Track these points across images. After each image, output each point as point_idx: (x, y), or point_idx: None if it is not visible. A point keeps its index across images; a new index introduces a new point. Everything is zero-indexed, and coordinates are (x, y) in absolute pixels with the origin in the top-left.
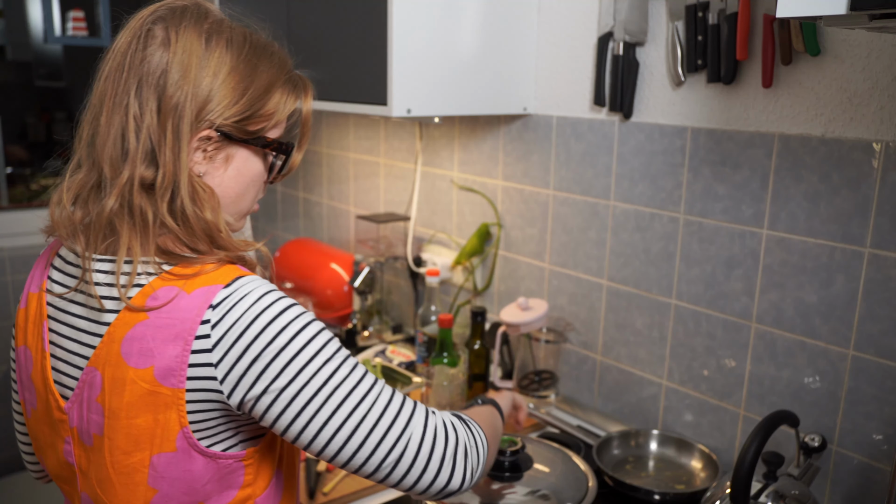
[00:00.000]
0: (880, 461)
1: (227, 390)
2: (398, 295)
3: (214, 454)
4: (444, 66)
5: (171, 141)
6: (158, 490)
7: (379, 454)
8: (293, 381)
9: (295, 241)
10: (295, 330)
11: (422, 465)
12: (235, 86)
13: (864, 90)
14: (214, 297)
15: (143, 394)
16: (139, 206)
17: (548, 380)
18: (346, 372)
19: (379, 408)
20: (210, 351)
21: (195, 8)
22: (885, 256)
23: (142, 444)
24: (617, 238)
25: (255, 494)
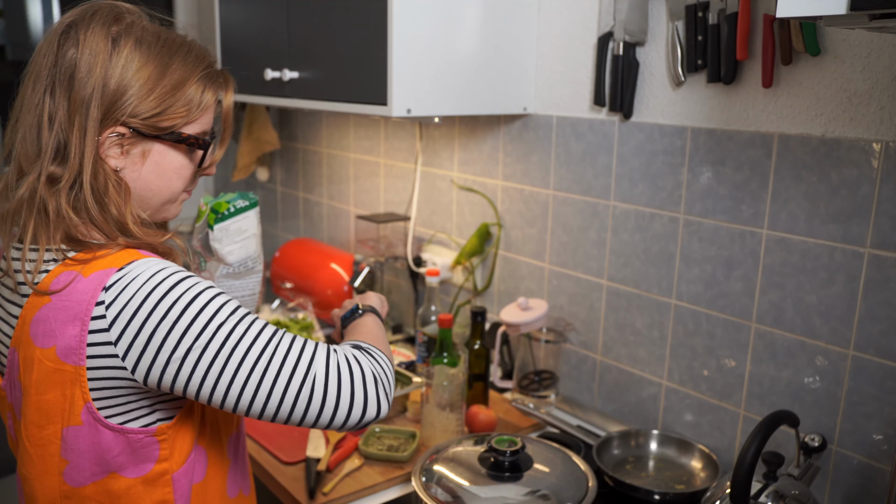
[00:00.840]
0: (880, 461)
1: (129, 366)
2: (398, 295)
3: (122, 429)
4: (444, 66)
5: (77, 137)
6: (70, 461)
7: (288, 399)
8: (192, 346)
9: (295, 241)
10: (187, 300)
11: (332, 401)
12: (144, 83)
13: (864, 90)
14: (108, 279)
15: (49, 371)
16: (42, 198)
17: (548, 380)
18: (244, 329)
19: (280, 355)
20: (107, 330)
21: (107, 10)
22: (885, 256)
23: (52, 417)
24: (617, 238)
25: (172, 469)
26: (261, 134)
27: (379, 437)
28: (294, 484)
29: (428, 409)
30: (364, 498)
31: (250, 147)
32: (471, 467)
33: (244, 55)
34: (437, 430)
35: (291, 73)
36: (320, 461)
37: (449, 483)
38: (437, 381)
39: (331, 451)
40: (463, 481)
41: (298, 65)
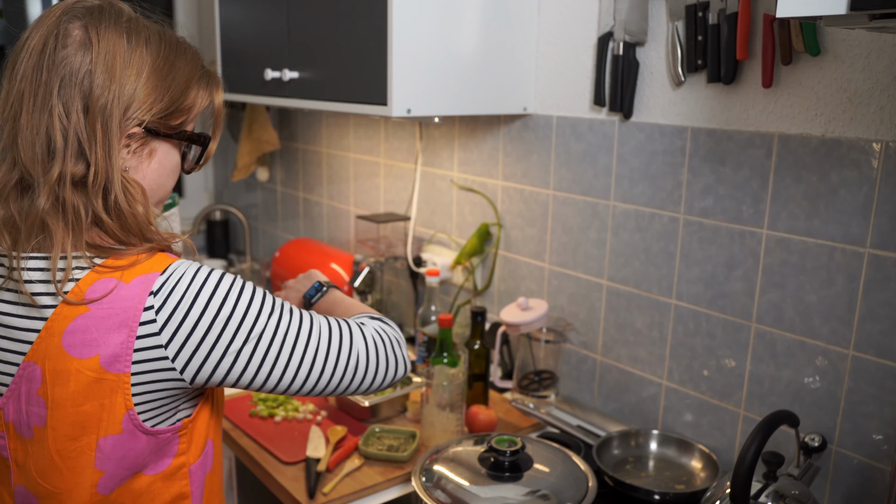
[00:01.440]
0: (880, 461)
1: (179, 366)
2: (398, 295)
3: (155, 430)
4: (444, 66)
5: (101, 139)
6: (105, 471)
7: (337, 375)
8: (247, 340)
9: (295, 241)
10: (235, 295)
11: (373, 369)
12: (157, 84)
13: (864, 90)
14: (153, 284)
15: (89, 382)
16: (72, 202)
17: (548, 380)
18: (288, 318)
19: (325, 339)
20: (158, 334)
21: (109, 7)
22: (885, 256)
23: (88, 429)
24: (617, 238)
25: (189, 462)
26: (261, 134)
27: (379, 437)
28: (294, 484)
29: (428, 409)
30: (364, 498)
31: (250, 147)
32: (471, 467)
33: (244, 55)
34: (437, 430)
35: (291, 73)
36: (320, 461)
37: (449, 483)
38: (437, 381)
39: (331, 451)
40: (463, 481)
41: (298, 65)
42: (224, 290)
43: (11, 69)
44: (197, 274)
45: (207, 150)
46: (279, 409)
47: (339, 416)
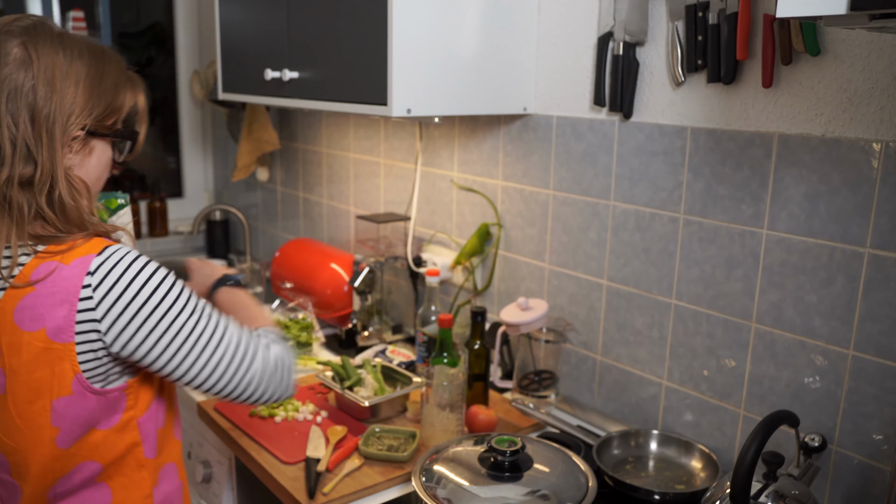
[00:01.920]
0: (880, 461)
1: (109, 340)
2: (398, 295)
3: (103, 391)
4: (444, 66)
5: (46, 144)
6: (61, 428)
7: (233, 383)
8: (166, 331)
9: (295, 241)
10: (164, 290)
11: (263, 388)
12: (92, 91)
13: (864, 90)
14: (90, 265)
15: (39, 351)
16: (17, 200)
17: (548, 380)
18: (206, 320)
19: (231, 349)
20: (94, 309)
21: (42, 24)
22: (885, 256)
23: (42, 392)
24: (617, 238)
25: (137, 415)
26: (261, 134)
27: (379, 437)
28: (294, 484)
29: (428, 409)
30: (364, 498)
31: (250, 147)
32: (471, 467)
33: (244, 55)
34: (437, 430)
35: (291, 73)
36: (320, 461)
37: (449, 483)
38: (437, 381)
39: (331, 451)
40: (463, 481)
41: (298, 65)
42: (156, 281)
43: None
44: (134, 261)
45: (137, 143)
46: (279, 410)
47: (339, 416)
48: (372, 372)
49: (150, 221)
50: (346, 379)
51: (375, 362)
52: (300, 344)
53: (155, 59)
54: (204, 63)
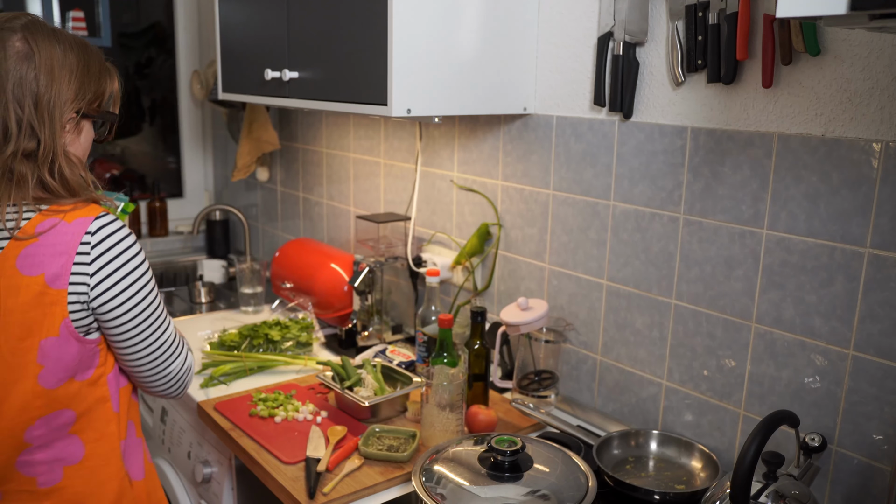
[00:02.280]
0: (880, 461)
1: (93, 294)
2: (398, 295)
3: (84, 339)
4: (444, 66)
5: (48, 125)
6: (45, 366)
7: (164, 366)
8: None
9: (295, 241)
10: (140, 261)
11: (171, 381)
12: (83, 79)
13: (864, 90)
14: (90, 226)
15: (35, 294)
16: (20, 170)
17: (548, 380)
18: (161, 304)
19: (172, 334)
20: (88, 264)
21: (37, 21)
22: (885, 256)
23: (33, 331)
24: (617, 238)
25: (106, 372)
26: (261, 134)
27: (379, 437)
28: (294, 484)
29: (428, 409)
30: (364, 498)
31: (250, 147)
32: (471, 467)
33: (244, 55)
34: (437, 430)
35: (291, 73)
36: (320, 461)
37: (449, 483)
38: (437, 381)
39: (331, 451)
40: (463, 481)
41: (298, 65)
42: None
43: None
44: (121, 229)
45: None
46: (279, 410)
47: (339, 416)
48: (372, 372)
49: (150, 221)
50: (346, 379)
51: (375, 362)
52: (300, 344)
53: (155, 59)
54: (204, 63)
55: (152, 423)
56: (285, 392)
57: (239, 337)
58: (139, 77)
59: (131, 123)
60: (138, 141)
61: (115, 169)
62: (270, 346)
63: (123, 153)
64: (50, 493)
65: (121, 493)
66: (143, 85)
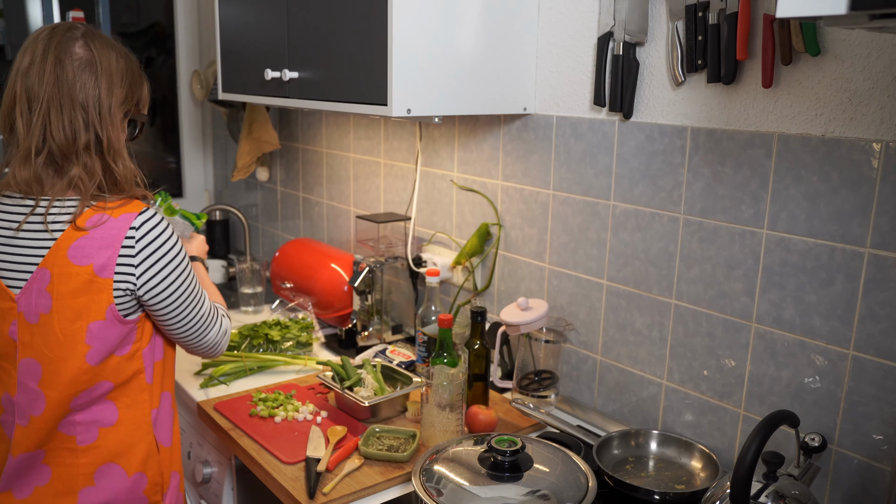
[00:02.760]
0: (880, 461)
1: (138, 283)
2: (398, 295)
3: (126, 321)
4: (444, 66)
5: (108, 126)
6: (92, 346)
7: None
8: (174, 282)
9: (295, 241)
10: (178, 251)
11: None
12: (131, 85)
13: (864, 90)
14: (134, 220)
15: (84, 282)
16: (91, 167)
17: (548, 380)
18: (196, 285)
19: (206, 306)
20: (133, 256)
21: (91, 29)
22: (885, 256)
23: (82, 315)
24: (617, 238)
25: (142, 347)
26: (261, 134)
27: (379, 437)
28: (294, 484)
29: (428, 409)
30: (364, 498)
31: (250, 147)
32: (471, 467)
33: (244, 55)
34: (437, 430)
35: (291, 73)
36: (320, 461)
37: (449, 483)
38: (437, 381)
39: (331, 451)
40: (463, 481)
41: (298, 65)
42: (176, 244)
43: (27, 74)
44: (161, 222)
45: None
46: (279, 410)
47: (339, 416)
48: (372, 372)
49: None
50: (346, 379)
51: (375, 362)
52: (300, 344)
53: (155, 59)
54: (204, 63)
55: None
56: (285, 392)
57: (239, 337)
58: None
59: None
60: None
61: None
62: (270, 346)
63: None
64: (87, 451)
65: (148, 456)
66: None
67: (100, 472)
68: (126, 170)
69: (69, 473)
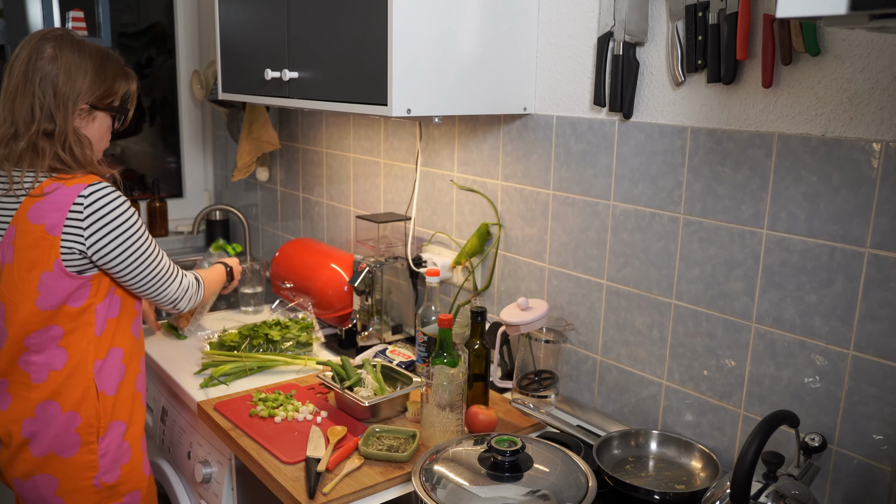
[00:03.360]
0: (880, 461)
1: (87, 244)
2: (398, 295)
3: (76, 277)
4: (444, 66)
5: (62, 113)
6: (41, 293)
7: (160, 290)
8: (122, 243)
9: (295, 241)
10: (127, 216)
11: (177, 299)
12: (95, 80)
13: (864, 90)
14: (83, 190)
15: (37, 238)
16: (41, 146)
17: (548, 380)
18: (150, 247)
19: (165, 265)
20: (81, 220)
21: (68, 34)
22: (885, 256)
23: (35, 266)
24: (617, 238)
25: (95, 302)
26: (261, 134)
27: (379, 437)
28: (294, 484)
29: (428, 409)
30: (364, 498)
31: (250, 147)
32: (471, 467)
33: (244, 55)
34: (437, 430)
35: (291, 73)
36: (320, 461)
37: (449, 483)
38: (437, 381)
39: (331, 451)
40: (463, 481)
41: (298, 65)
42: (124, 210)
43: (10, 70)
44: (111, 192)
45: (127, 116)
46: (279, 410)
47: (339, 416)
48: (372, 372)
49: (149, 221)
50: (346, 379)
51: (375, 362)
52: (300, 344)
53: (155, 59)
54: (204, 63)
55: (152, 422)
56: (285, 392)
57: (239, 337)
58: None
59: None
60: (138, 141)
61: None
62: (270, 346)
63: (123, 153)
64: (37, 388)
65: (83, 398)
66: (143, 85)
67: (41, 406)
68: (83, 155)
69: (21, 406)
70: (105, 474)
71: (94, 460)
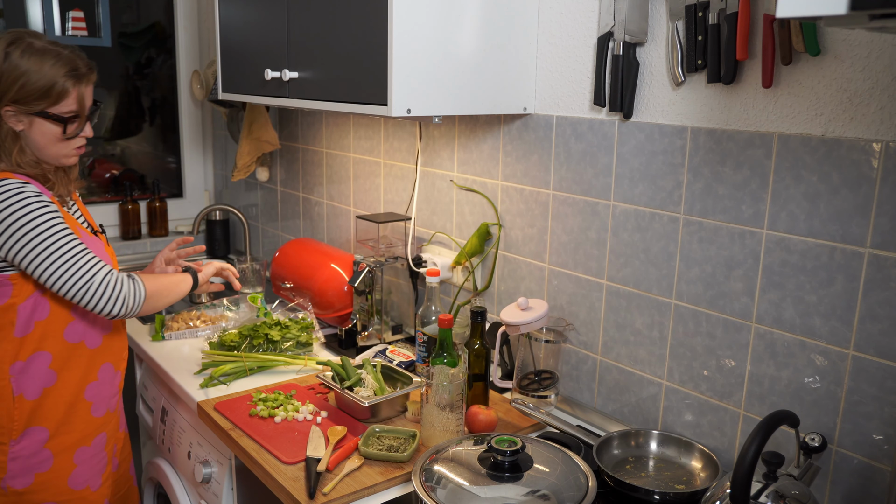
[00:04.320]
0: (880, 461)
1: None
2: (398, 295)
3: None
4: (444, 66)
5: None
6: None
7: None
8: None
9: (295, 241)
10: (28, 209)
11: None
12: (23, 84)
13: (864, 90)
14: None
15: None
16: None
17: (548, 380)
18: (59, 238)
19: (84, 258)
20: None
21: (19, 39)
22: (885, 256)
23: None
24: (617, 238)
25: (17, 302)
26: (261, 134)
27: (379, 437)
28: (294, 484)
29: (428, 409)
30: (364, 498)
31: (250, 147)
32: (471, 467)
33: (244, 55)
34: (437, 430)
35: (291, 73)
36: (320, 461)
37: (449, 483)
38: (437, 381)
39: (331, 451)
40: (463, 481)
41: (298, 65)
42: (29, 204)
43: None
44: (18, 187)
45: (73, 126)
46: (279, 410)
47: (339, 416)
48: (372, 372)
49: (149, 221)
50: (346, 379)
51: (375, 362)
52: (300, 344)
53: (155, 59)
54: (204, 63)
55: (152, 422)
56: (285, 392)
57: (239, 337)
58: (139, 77)
59: (131, 123)
60: (138, 141)
61: (115, 169)
62: (270, 346)
63: (123, 153)
64: None
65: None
66: (143, 85)
67: None
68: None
69: None
70: (14, 479)
71: (3, 462)
